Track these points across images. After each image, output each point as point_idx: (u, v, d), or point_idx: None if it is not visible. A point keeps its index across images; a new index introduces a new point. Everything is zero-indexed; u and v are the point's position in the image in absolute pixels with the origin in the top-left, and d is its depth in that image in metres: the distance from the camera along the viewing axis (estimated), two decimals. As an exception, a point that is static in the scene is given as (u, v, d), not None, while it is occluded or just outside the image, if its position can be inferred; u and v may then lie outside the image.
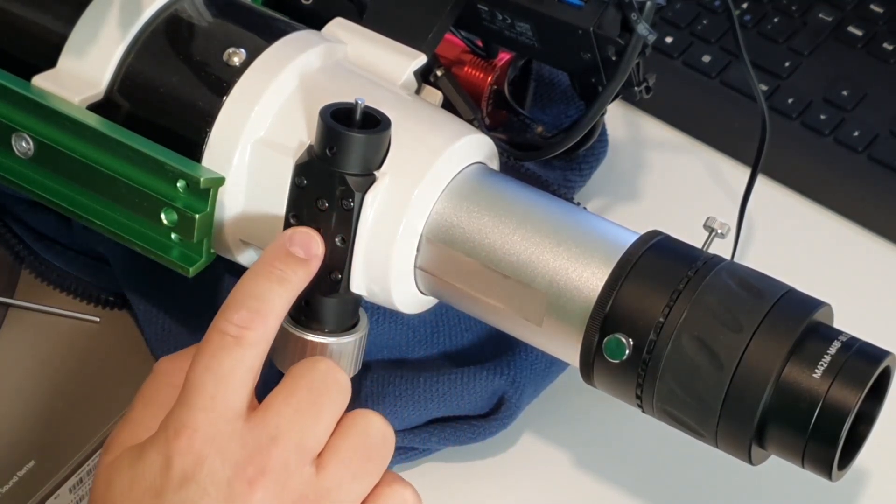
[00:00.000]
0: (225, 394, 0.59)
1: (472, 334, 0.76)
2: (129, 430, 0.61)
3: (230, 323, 0.60)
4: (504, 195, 0.66)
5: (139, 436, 0.60)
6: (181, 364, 0.62)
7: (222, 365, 0.59)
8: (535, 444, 0.77)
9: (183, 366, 0.61)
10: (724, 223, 0.66)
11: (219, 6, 0.70)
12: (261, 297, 0.61)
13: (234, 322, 0.60)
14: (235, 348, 0.59)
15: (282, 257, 0.62)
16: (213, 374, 0.59)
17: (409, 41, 0.71)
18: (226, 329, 0.59)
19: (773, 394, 0.60)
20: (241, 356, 0.59)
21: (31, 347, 0.74)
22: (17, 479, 0.70)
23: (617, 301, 0.62)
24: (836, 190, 0.88)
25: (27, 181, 0.68)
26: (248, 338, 0.59)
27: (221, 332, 0.59)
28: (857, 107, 0.91)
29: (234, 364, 0.59)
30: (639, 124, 0.92)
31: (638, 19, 0.70)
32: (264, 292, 0.61)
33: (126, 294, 0.75)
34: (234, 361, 0.59)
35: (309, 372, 0.60)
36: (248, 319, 0.60)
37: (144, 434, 0.60)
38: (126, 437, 0.61)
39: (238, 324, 0.59)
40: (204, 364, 0.59)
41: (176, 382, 0.61)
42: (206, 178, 0.64)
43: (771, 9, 0.95)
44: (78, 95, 0.67)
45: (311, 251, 0.63)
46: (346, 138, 0.63)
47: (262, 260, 0.62)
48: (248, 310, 0.60)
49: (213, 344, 0.59)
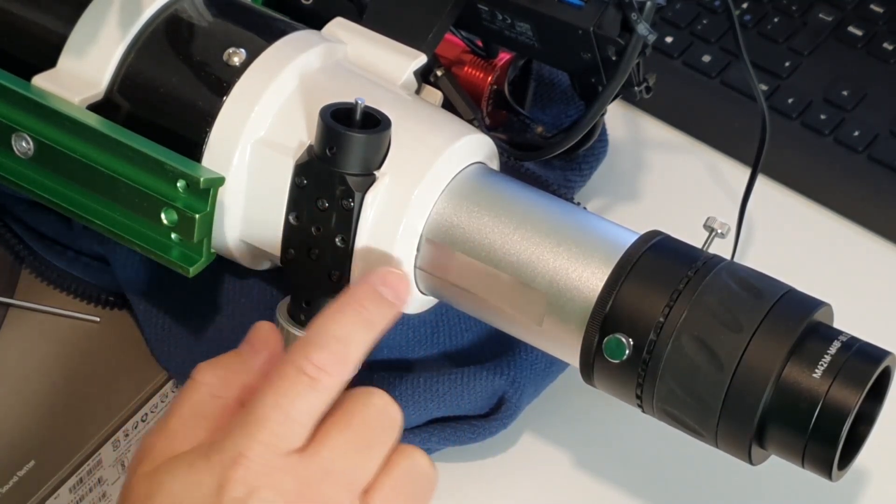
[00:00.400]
0: (289, 433, 0.58)
1: (472, 334, 0.76)
2: (166, 439, 0.60)
3: (309, 362, 0.58)
4: (504, 195, 0.66)
5: (178, 447, 0.59)
6: (223, 374, 0.61)
7: (293, 406, 0.58)
8: (535, 444, 0.77)
9: (226, 377, 0.61)
10: (724, 223, 0.66)
11: (219, 6, 0.70)
12: (345, 340, 0.59)
13: (314, 362, 0.58)
14: (310, 392, 0.58)
15: (372, 297, 0.61)
16: (282, 413, 0.58)
17: (409, 41, 0.71)
18: (304, 368, 0.58)
19: (773, 394, 0.60)
20: (314, 400, 0.58)
21: (31, 347, 0.74)
22: (17, 479, 0.70)
23: (617, 301, 0.62)
24: (836, 190, 0.88)
25: (27, 181, 0.68)
26: (325, 383, 0.58)
27: (299, 369, 0.58)
28: (857, 107, 0.91)
29: (305, 406, 0.58)
30: (639, 124, 0.92)
31: (638, 19, 0.70)
32: (349, 335, 0.59)
33: (126, 294, 0.75)
34: (306, 404, 0.58)
35: (365, 407, 0.59)
36: (329, 363, 0.58)
37: (184, 445, 0.59)
38: (164, 446, 0.60)
39: (318, 365, 0.58)
40: (274, 400, 0.58)
41: (218, 393, 0.61)
42: (206, 178, 0.64)
43: (771, 9, 0.95)
44: (78, 95, 0.67)
45: (400, 297, 0.62)
46: (346, 138, 0.63)
47: (351, 295, 0.61)
48: (330, 352, 0.59)
49: (287, 380, 0.58)
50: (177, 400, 0.61)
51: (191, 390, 0.61)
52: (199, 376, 0.62)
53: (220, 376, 0.61)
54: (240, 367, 0.62)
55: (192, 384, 0.61)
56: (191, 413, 0.61)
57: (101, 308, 0.76)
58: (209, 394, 0.61)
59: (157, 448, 0.60)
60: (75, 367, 0.73)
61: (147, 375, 0.74)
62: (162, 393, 0.74)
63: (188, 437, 0.60)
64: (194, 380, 0.62)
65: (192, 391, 0.61)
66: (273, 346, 0.63)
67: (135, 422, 0.72)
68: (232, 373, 0.61)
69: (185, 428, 0.60)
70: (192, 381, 0.62)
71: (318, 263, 0.66)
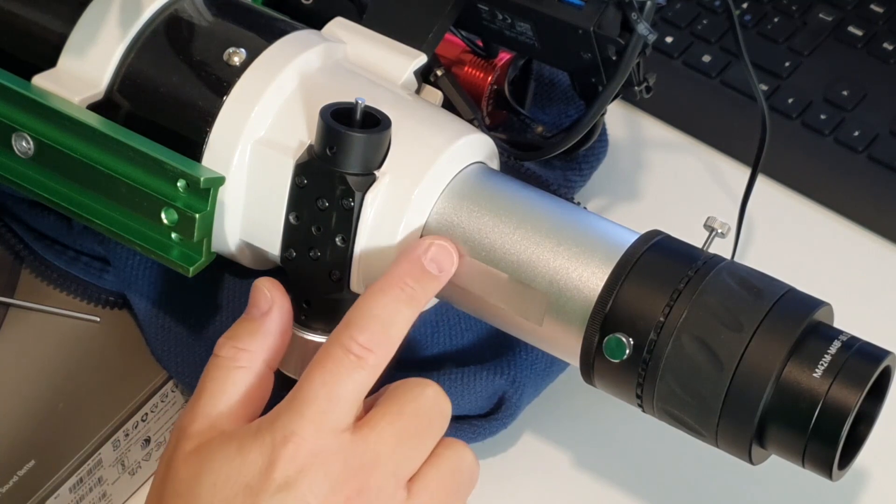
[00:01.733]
0: (337, 411, 0.59)
1: (472, 334, 0.76)
2: (204, 417, 0.61)
3: (354, 342, 0.60)
4: (504, 195, 0.66)
5: (218, 423, 0.60)
6: (242, 345, 0.62)
7: (340, 383, 0.59)
8: (535, 444, 0.77)
9: (247, 346, 0.62)
10: (725, 223, 0.66)
11: (219, 6, 0.70)
12: (389, 319, 0.61)
13: (359, 342, 0.60)
14: (356, 370, 0.59)
15: (415, 273, 0.62)
16: (329, 391, 0.59)
17: (409, 41, 0.71)
18: (349, 347, 0.60)
19: (773, 393, 0.60)
20: (360, 378, 0.59)
21: (31, 347, 0.74)
22: (17, 479, 0.70)
23: (617, 301, 0.62)
24: (836, 190, 0.88)
25: (27, 181, 0.68)
26: (370, 361, 0.60)
27: (345, 348, 0.60)
28: (857, 107, 0.91)
29: (352, 385, 0.59)
30: (639, 124, 0.92)
31: (638, 19, 0.70)
32: (393, 315, 0.61)
33: (126, 294, 0.75)
34: (353, 382, 0.59)
35: (417, 398, 0.61)
36: (373, 342, 0.60)
37: (224, 423, 0.60)
38: (202, 424, 0.60)
39: (362, 344, 0.60)
40: (321, 378, 0.59)
41: (243, 364, 0.61)
42: (206, 177, 0.64)
43: (771, 9, 0.95)
44: (78, 95, 0.67)
45: (444, 268, 0.63)
46: (347, 138, 0.63)
47: (393, 272, 0.62)
48: (372, 332, 0.60)
49: (333, 359, 0.59)
50: (204, 378, 0.62)
51: (215, 367, 0.62)
52: (220, 351, 0.62)
53: (241, 347, 0.62)
54: (255, 332, 0.63)
55: (214, 361, 0.62)
56: (221, 389, 0.61)
57: (101, 308, 0.76)
58: (235, 367, 0.62)
59: (195, 427, 0.61)
60: (75, 367, 0.73)
61: (147, 375, 0.74)
62: (162, 393, 0.74)
63: (224, 414, 0.61)
64: (217, 356, 0.62)
65: (216, 368, 0.62)
66: (279, 299, 0.64)
67: (135, 422, 0.72)
68: (251, 340, 0.62)
69: (218, 405, 0.61)
70: (215, 358, 0.62)
71: (318, 263, 0.66)
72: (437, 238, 0.64)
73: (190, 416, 0.61)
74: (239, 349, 0.62)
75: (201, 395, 0.62)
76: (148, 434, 0.74)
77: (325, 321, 0.66)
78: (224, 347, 0.62)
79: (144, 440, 0.74)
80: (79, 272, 0.76)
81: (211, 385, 0.62)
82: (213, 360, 0.62)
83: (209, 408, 0.61)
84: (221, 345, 0.63)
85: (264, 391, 0.63)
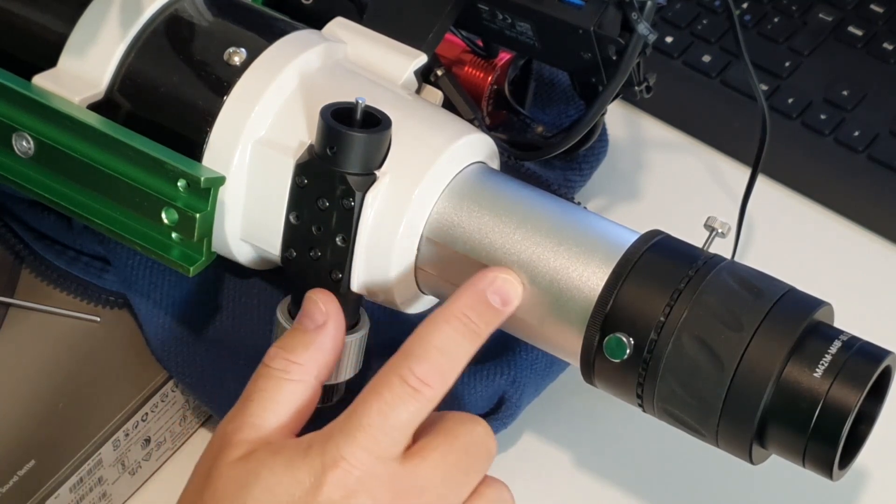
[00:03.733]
0: (389, 440, 0.59)
1: (472, 334, 0.76)
2: (251, 428, 0.60)
3: (412, 374, 0.59)
4: (504, 195, 0.66)
5: (266, 436, 0.60)
6: (294, 358, 0.62)
7: (396, 414, 0.59)
8: (535, 444, 0.77)
9: (299, 359, 0.61)
10: (725, 223, 0.66)
11: (219, 6, 0.70)
12: (448, 352, 0.60)
13: (417, 374, 0.59)
14: (413, 402, 0.59)
15: (478, 307, 0.62)
16: (384, 420, 0.59)
17: (409, 41, 0.71)
18: (407, 378, 0.59)
19: (773, 393, 0.60)
20: (415, 410, 0.59)
21: (31, 347, 0.74)
22: (17, 479, 0.70)
23: (617, 300, 0.62)
24: (836, 190, 0.88)
25: (27, 181, 0.68)
26: (427, 395, 0.59)
27: (403, 380, 0.59)
28: (857, 107, 0.91)
29: (406, 416, 0.59)
30: (639, 124, 0.92)
31: (638, 19, 0.70)
32: (454, 349, 0.60)
33: (126, 294, 0.75)
34: (408, 413, 0.59)
35: (469, 433, 0.60)
36: (431, 376, 0.59)
37: (272, 435, 0.60)
38: (250, 434, 0.60)
39: (420, 377, 0.59)
40: (378, 407, 0.59)
41: (295, 378, 0.61)
42: (206, 177, 0.64)
43: (771, 9, 0.95)
44: (78, 95, 0.67)
45: (510, 300, 0.63)
46: (347, 138, 0.63)
47: (455, 303, 0.61)
48: (432, 365, 0.60)
49: (391, 388, 0.59)
50: (253, 387, 0.62)
51: (265, 377, 0.62)
52: (272, 362, 0.62)
53: (293, 360, 0.62)
54: (309, 345, 0.62)
55: (265, 371, 0.62)
56: (272, 399, 0.61)
57: (101, 308, 0.76)
58: (286, 379, 0.61)
59: (241, 435, 0.60)
60: (75, 367, 0.73)
61: (147, 375, 0.74)
62: (162, 393, 0.74)
63: (271, 424, 0.60)
64: (268, 366, 0.62)
65: (266, 378, 0.62)
66: (334, 313, 0.63)
67: (135, 422, 0.72)
68: (304, 353, 0.62)
69: (266, 416, 0.61)
70: (266, 368, 0.62)
71: (318, 263, 0.66)
72: (502, 271, 0.63)
73: (237, 424, 0.60)
74: (291, 361, 0.62)
75: (248, 403, 0.61)
76: (148, 434, 0.74)
77: (326, 321, 0.66)
78: (276, 359, 0.62)
79: (144, 440, 0.74)
80: (79, 272, 0.76)
81: (260, 395, 0.61)
82: (263, 369, 0.62)
83: (257, 418, 0.60)
84: (273, 355, 0.62)
85: (312, 406, 0.62)
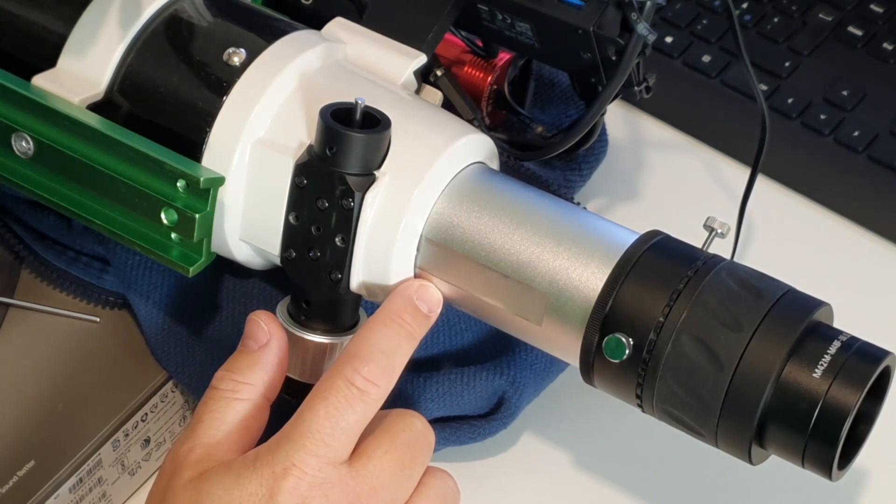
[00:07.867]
0: (339, 444, 0.60)
1: (472, 334, 0.76)
2: (203, 448, 0.61)
3: (358, 374, 0.61)
4: (504, 195, 0.66)
5: (217, 454, 0.61)
6: (241, 378, 0.63)
7: (344, 417, 0.60)
8: (535, 444, 0.77)
9: (246, 379, 0.63)
10: (724, 223, 0.66)
11: (219, 6, 0.70)
12: (390, 352, 0.62)
13: (363, 374, 0.61)
14: (359, 403, 0.60)
15: (410, 311, 0.64)
16: (333, 424, 0.60)
17: (409, 41, 0.71)
18: (353, 379, 0.60)
19: (773, 393, 0.60)
20: (363, 411, 0.60)
21: (31, 347, 0.74)
22: (17, 479, 0.70)
23: (617, 301, 0.62)
24: (836, 190, 0.88)
25: (27, 181, 0.68)
26: (373, 394, 0.61)
27: (349, 382, 0.60)
28: (857, 107, 0.91)
29: (354, 418, 0.60)
30: (639, 124, 0.92)
31: (638, 19, 0.70)
32: (394, 348, 0.62)
33: (126, 294, 0.75)
34: (355, 415, 0.60)
35: (408, 428, 0.62)
36: (376, 375, 0.61)
37: (224, 452, 0.61)
38: (201, 454, 0.61)
39: (366, 377, 0.61)
40: (325, 411, 0.60)
41: (242, 397, 0.62)
42: (206, 177, 0.64)
43: (771, 9, 0.95)
44: (78, 95, 0.67)
45: (433, 308, 0.65)
46: (346, 138, 0.63)
47: (389, 308, 0.63)
48: (376, 364, 0.61)
49: (336, 391, 0.60)
50: (203, 409, 0.63)
51: (213, 399, 0.63)
52: (219, 384, 0.63)
53: (239, 380, 0.63)
54: (254, 364, 0.64)
55: (214, 393, 0.63)
56: (220, 419, 0.62)
57: (101, 308, 0.76)
58: (234, 398, 0.63)
59: (193, 456, 0.61)
60: (75, 367, 0.73)
61: (147, 375, 0.74)
62: (162, 393, 0.74)
63: (223, 444, 0.61)
64: (216, 388, 0.63)
65: (214, 399, 0.63)
66: (276, 331, 0.65)
67: (135, 422, 0.72)
68: (250, 373, 0.63)
69: (217, 435, 0.62)
70: (214, 390, 0.63)
71: (318, 263, 0.66)
72: (422, 280, 0.65)
73: (189, 446, 0.61)
74: (238, 381, 0.63)
75: (199, 425, 0.62)
76: (148, 434, 0.74)
77: (325, 321, 0.66)
78: (223, 380, 0.63)
79: (144, 440, 0.74)
80: (79, 272, 0.76)
81: (209, 416, 0.62)
82: (211, 391, 0.63)
83: (208, 438, 0.62)
84: (220, 378, 0.63)
85: (261, 423, 0.63)
